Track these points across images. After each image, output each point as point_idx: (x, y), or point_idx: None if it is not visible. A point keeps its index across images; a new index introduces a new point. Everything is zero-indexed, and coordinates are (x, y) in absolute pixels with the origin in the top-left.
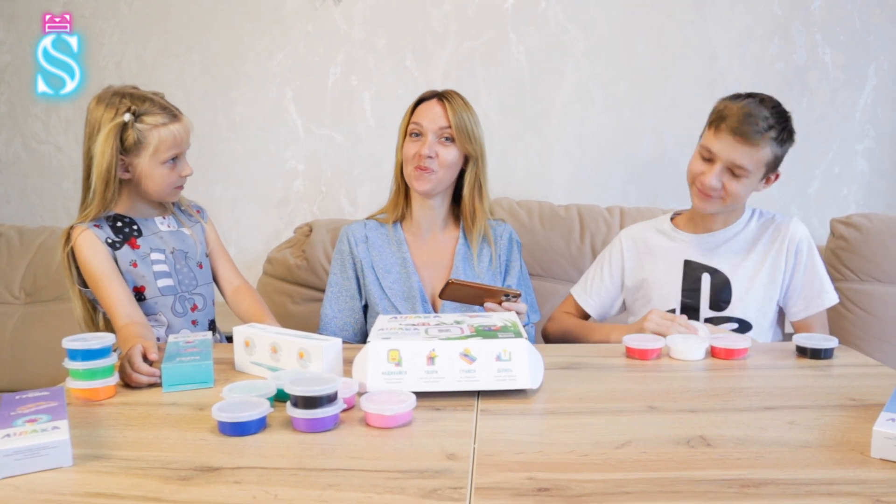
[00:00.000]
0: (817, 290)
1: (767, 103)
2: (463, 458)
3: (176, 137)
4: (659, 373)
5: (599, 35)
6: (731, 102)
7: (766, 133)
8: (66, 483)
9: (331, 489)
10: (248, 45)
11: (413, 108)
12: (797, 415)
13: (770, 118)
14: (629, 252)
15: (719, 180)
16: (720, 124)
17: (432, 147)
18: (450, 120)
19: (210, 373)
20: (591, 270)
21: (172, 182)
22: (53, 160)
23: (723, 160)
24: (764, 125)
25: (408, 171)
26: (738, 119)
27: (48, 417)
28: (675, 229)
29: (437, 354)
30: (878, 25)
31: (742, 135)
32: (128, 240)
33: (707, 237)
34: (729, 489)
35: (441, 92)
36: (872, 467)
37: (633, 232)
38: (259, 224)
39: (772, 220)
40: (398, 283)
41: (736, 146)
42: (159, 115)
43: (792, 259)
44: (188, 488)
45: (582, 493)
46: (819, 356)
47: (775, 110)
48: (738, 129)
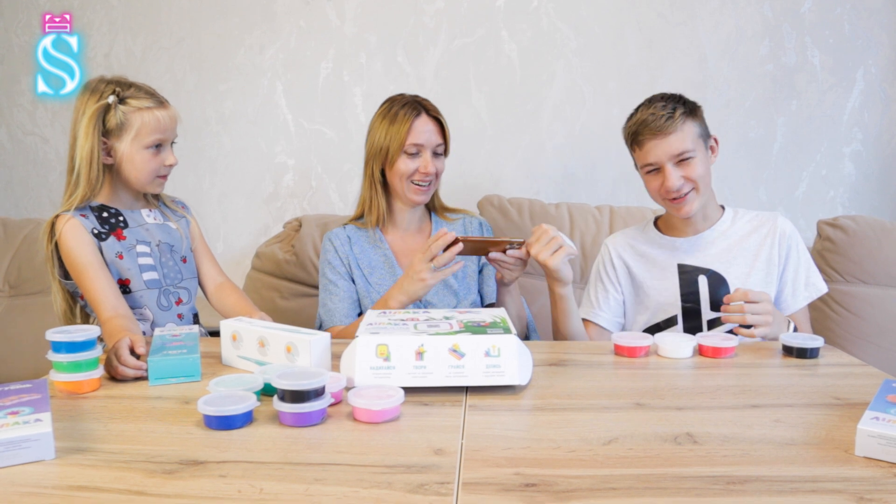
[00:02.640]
0: (805, 282)
1: (655, 98)
2: (450, 454)
3: (160, 122)
4: (647, 370)
5: (590, 34)
6: (631, 121)
7: (673, 115)
8: (48, 476)
9: (317, 483)
10: (239, 39)
11: (408, 127)
12: (783, 413)
13: (666, 105)
14: (618, 259)
15: (678, 176)
16: (639, 138)
17: (434, 164)
18: (444, 136)
19: (197, 366)
20: (591, 288)
21: (154, 170)
22: (39, 152)
23: (666, 159)
24: (667, 112)
25: (404, 186)
26: (647, 123)
27: (31, 410)
28: (662, 235)
29: (425, 350)
30: (867, 29)
31: (659, 130)
32: (114, 230)
33: (694, 239)
34: (715, 486)
35: (426, 106)
36: (856, 465)
37: (619, 240)
38: (248, 219)
39: (756, 217)
40: (384, 279)
41: (665, 141)
42: (144, 98)
43: (784, 253)
44: (172, 482)
45: (569, 489)
46: (805, 355)
47: (666, 98)
48: (652, 127)
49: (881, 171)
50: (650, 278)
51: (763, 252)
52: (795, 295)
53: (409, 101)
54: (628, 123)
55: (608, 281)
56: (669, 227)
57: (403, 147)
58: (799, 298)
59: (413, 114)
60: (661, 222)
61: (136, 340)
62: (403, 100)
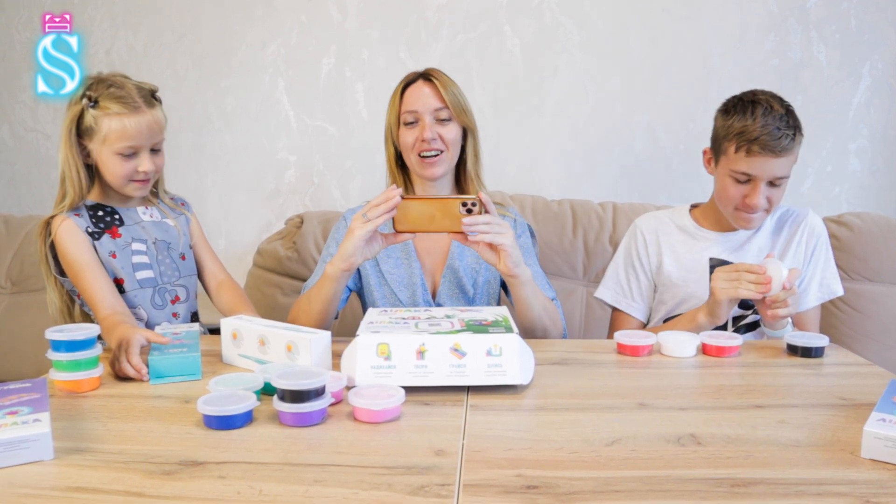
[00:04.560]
0: (820, 282)
1: (777, 107)
2: (451, 455)
3: (127, 130)
4: (650, 369)
5: (594, 29)
6: (746, 120)
7: (793, 139)
8: (46, 477)
9: (317, 485)
10: (241, 35)
11: (400, 95)
12: (788, 413)
13: (789, 121)
14: (651, 243)
15: (765, 197)
16: (751, 147)
17: (433, 129)
18: (443, 98)
19: (198, 365)
20: (622, 274)
21: (126, 174)
22: (42, 148)
23: (764, 178)
24: (791, 132)
25: (412, 161)
26: (768, 135)
27: (29, 409)
28: (698, 227)
29: (426, 349)
30: (873, 24)
31: (778, 150)
32: (109, 229)
33: (731, 236)
34: (719, 488)
35: (424, 72)
36: (862, 468)
37: (651, 223)
38: (249, 215)
39: (788, 213)
40: (398, 268)
41: (775, 161)
42: (115, 104)
43: (811, 250)
44: (171, 483)
45: (571, 491)
46: (810, 355)
47: (787, 111)
48: (770, 145)
49: (887, 168)
50: (679, 269)
51: (791, 248)
52: (807, 293)
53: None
54: (743, 123)
55: (639, 267)
56: (706, 219)
57: (400, 117)
58: (810, 298)
59: (405, 81)
60: (697, 212)
61: (151, 336)
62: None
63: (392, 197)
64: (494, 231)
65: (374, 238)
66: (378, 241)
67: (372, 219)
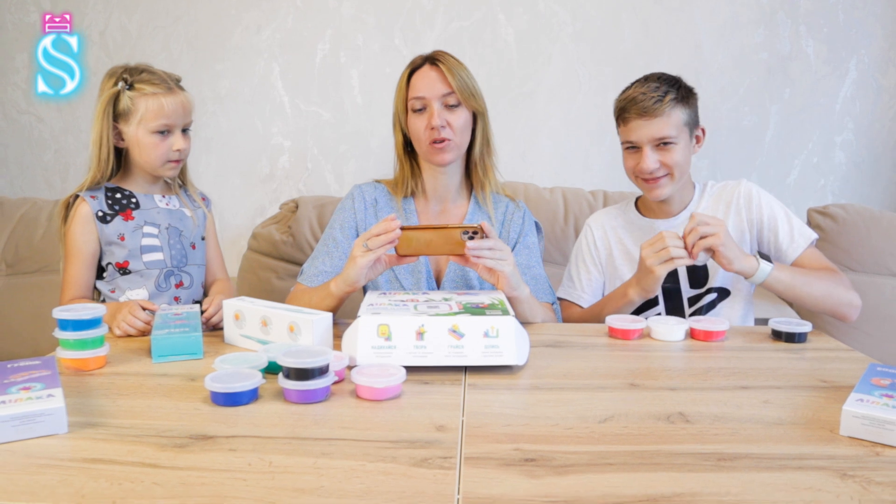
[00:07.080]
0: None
1: (652, 77)
2: (452, 430)
3: (164, 107)
4: (640, 352)
5: (587, 18)
6: (623, 94)
7: (664, 99)
8: (63, 449)
9: (324, 457)
10: (236, 18)
11: (407, 81)
12: (771, 394)
13: (660, 87)
14: (600, 238)
15: (655, 160)
16: (625, 115)
17: (441, 116)
18: (450, 83)
19: (199, 344)
20: (573, 268)
21: (162, 154)
22: (34, 131)
23: (646, 141)
24: (659, 94)
25: (423, 149)
26: (636, 101)
27: (42, 385)
28: (641, 216)
29: (426, 330)
30: (861, 19)
31: (647, 111)
32: (123, 211)
33: (673, 220)
34: (706, 462)
35: (431, 55)
36: (841, 444)
37: (600, 219)
38: (243, 199)
39: (724, 188)
40: None
41: (649, 123)
42: (151, 85)
43: (755, 216)
44: (184, 455)
45: (566, 464)
46: (793, 340)
47: (662, 79)
48: (640, 108)
49: (871, 161)
50: (629, 261)
51: (730, 221)
52: (793, 241)
53: (418, 56)
54: (619, 97)
55: (590, 261)
56: (648, 208)
57: (407, 103)
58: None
59: (412, 66)
60: (641, 203)
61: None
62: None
63: (392, 229)
64: (497, 258)
65: (378, 260)
66: (382, 262)
67: (373, 248)
